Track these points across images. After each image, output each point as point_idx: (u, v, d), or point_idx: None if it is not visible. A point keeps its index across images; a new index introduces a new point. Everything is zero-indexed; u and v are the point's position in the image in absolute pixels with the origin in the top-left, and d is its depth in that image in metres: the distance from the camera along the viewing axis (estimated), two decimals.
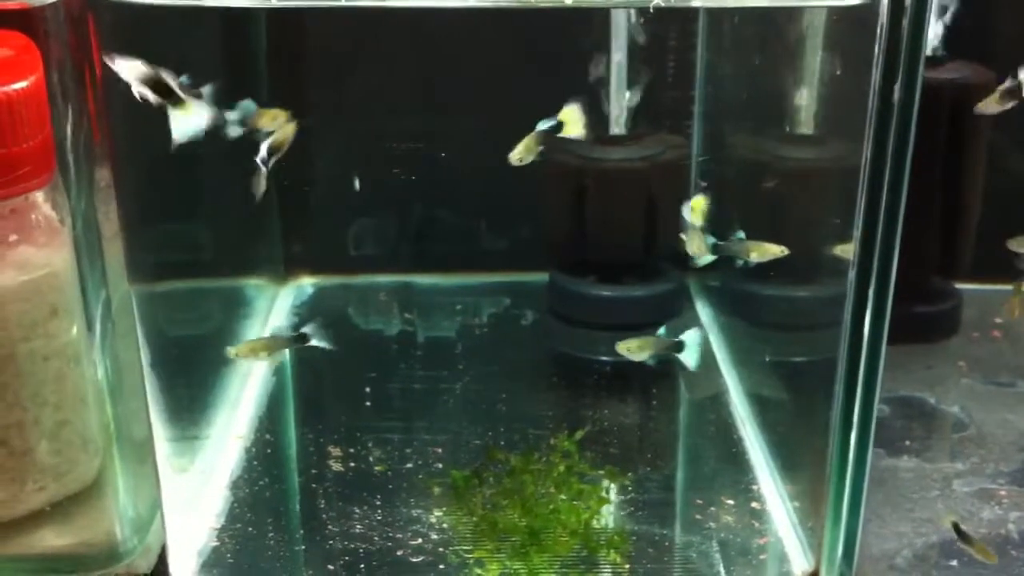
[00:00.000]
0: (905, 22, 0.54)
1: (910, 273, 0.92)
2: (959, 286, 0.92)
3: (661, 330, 0.74)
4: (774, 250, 0.70)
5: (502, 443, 0.76)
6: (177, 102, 0.61)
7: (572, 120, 0.69)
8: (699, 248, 0.72)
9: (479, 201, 0.98)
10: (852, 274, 0.60)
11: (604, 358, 0.92)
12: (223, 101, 0.89)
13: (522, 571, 0.64)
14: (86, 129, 0.65)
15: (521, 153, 0.70)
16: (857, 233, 0.59)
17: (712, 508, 0.70)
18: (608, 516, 0.69)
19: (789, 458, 0.73)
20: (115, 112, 0.64)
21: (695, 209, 0.72)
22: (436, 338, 0.94)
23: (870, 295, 0.60)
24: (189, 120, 0.62)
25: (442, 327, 0.96)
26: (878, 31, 0.54)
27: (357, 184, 0.98)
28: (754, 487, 0.72)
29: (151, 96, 0.61)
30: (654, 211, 0.95)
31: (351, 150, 0.99)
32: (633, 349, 0.73)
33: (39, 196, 0.65)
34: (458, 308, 0.98)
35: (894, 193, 0.58)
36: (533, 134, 0.69)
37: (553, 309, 0.96)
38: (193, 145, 0.79)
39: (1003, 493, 0.72)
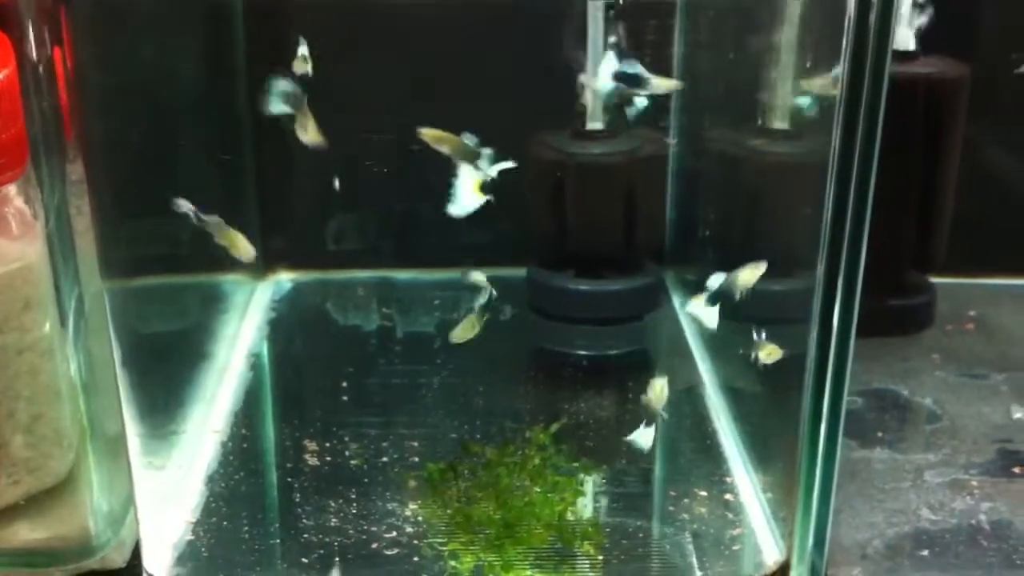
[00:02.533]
0: (872, 15, 0.55)
1: (884, 266, 0.93)
2: (933, 280, 0.93)
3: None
4: (754, 272, 0.70)
5: (479, 437, 0.77)
6: None
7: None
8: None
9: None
10: (821, 268, 0.60)
11: (582, 352, 0.93)
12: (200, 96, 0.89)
13: (496, 563, 0.64)
14: (58, 123, 0.65)
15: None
16: (825, 226, 0.59)
17: (686, 500, 0.71)
18: (583, 508, 0.69)
19: (762, 450, 0.73)
20: (88, 106, 0.63)
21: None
22: (415, 333, 0.94)
23: (839, 288, 0.60)
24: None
25: (421, 322, 0.96)
26: (845, 23, 0.55)
27: (336, 179, 0.98)
28: (728, 479, 0.73)
29: None
30: (632, 205, 0.95)
31: (330, 145, 0.99)
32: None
33: (12, 189, 0.64)
34: (436, 303, 0.98)
35: (862, 187, 0.59)
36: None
37: (531, 304, 0.96)
38: (168, 139, 0.80)
39: (975, 484, 0.72)
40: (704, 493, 0.71)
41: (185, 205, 0.68)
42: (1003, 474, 0.73)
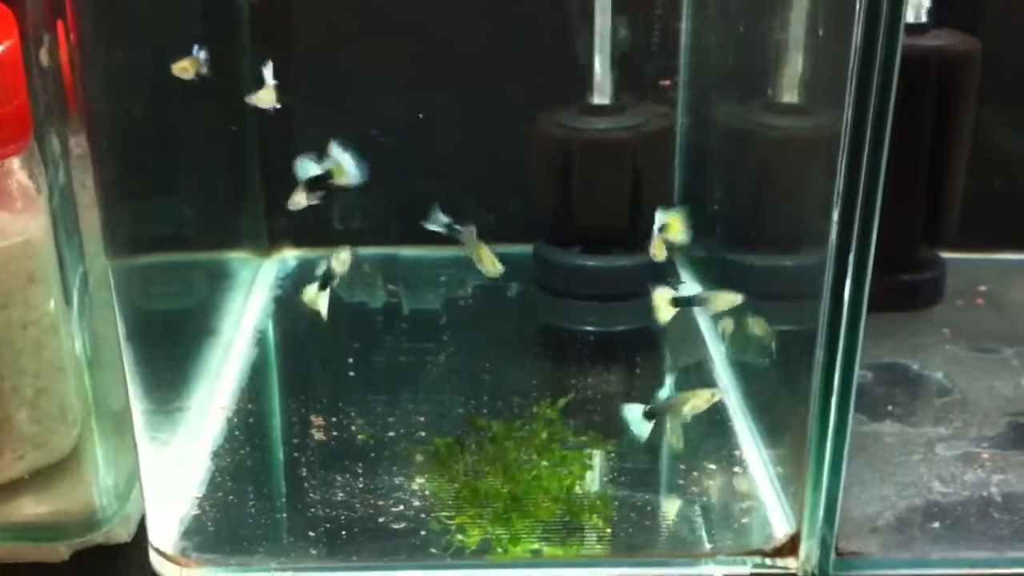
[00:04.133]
0: None
1: (894, 242, 0.92)
2: (944, 255, 0.92)
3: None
4: (729, 299, 0.70)
5: (485, 412, 0.76)
6: None
7: None
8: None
9: (464, 173, 0.97)
10: (832, 243, 0.59)
11: (589, 328, 0.92)
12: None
13: (504, 537, 0.64)
14: (61, 98, 0.64)
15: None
16: (837, 202, 0.59)
17: (695, 474, 0.70)
18: (591, 482, 0.69)
19: (772, 425, 0.73)
20: (91, 80, 0.63)
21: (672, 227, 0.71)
22: (421, 310, 0.94)
23: (850, 263, 0.59)
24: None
25: (427, 299, 0.96)
26: None
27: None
28: (737, 453, 0.72)
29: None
30: (639, 181, 0.94)
31: (336, 122, 0.99)
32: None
33: (15, 163, 0.64)
34: (443, 280, 0.98)
35: (874, 162, 0.58)
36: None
37: (538, 280, 0.96)
38: (173, 115, 0.79)
39: (986, 456, 0.72)
40: (714, 467, 0.70)
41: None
42: (1014, 447, 0.72)
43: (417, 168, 1.00)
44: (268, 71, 0.74)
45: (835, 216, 0.59)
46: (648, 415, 0.66)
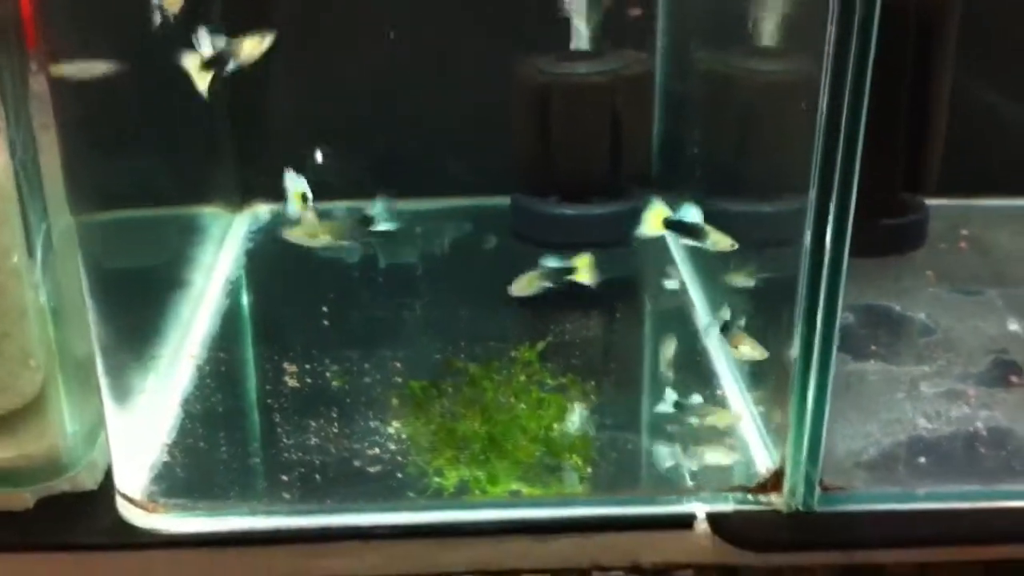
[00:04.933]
0: None
1: (876, 186, 0.91)
2: (927, 201, 0.91)
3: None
4: (725, 241, 0.71)
5: (463, 357, 0.75)
6: None
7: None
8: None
9: (440, 123, 0.95)
10: (813, 189, 0.58)
11: (569, 277, 0.91)
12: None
13: (481, 478, 0.63)
14: (21, 45, 0.62)
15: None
16: (818, 147, 0.57)
17: (680, 411, 0.69)
18: (571, 423, 0.67)
19: (755, 366, 0.71)
20: (52, 27, 0.61)
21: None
22: (397, 264, 0.92)
23: (832, 205, 0.58)
24: None
25: (404, 252, 0.94)
26: None
27: (315, 109, 0.96)
28: (719, 392, 0.71)
29: None
30: (617, 127, 0.93)
31: (308, 73, 0.97)
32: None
33: None
34: (420, 233, 0.96)
35: (855, 105, 0.56)
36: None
37: (516, 230, 0.94)
38: (140, 67, 0.77)
39: (971, 393, 0.71)
40: (695, 406, 0.69)
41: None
42: (1000, 384, 0.71)
43: (393, 119, 0.98)
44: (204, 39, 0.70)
45: (816, 162, 0.57)
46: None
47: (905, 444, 0.66)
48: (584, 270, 0.76)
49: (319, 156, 0.96)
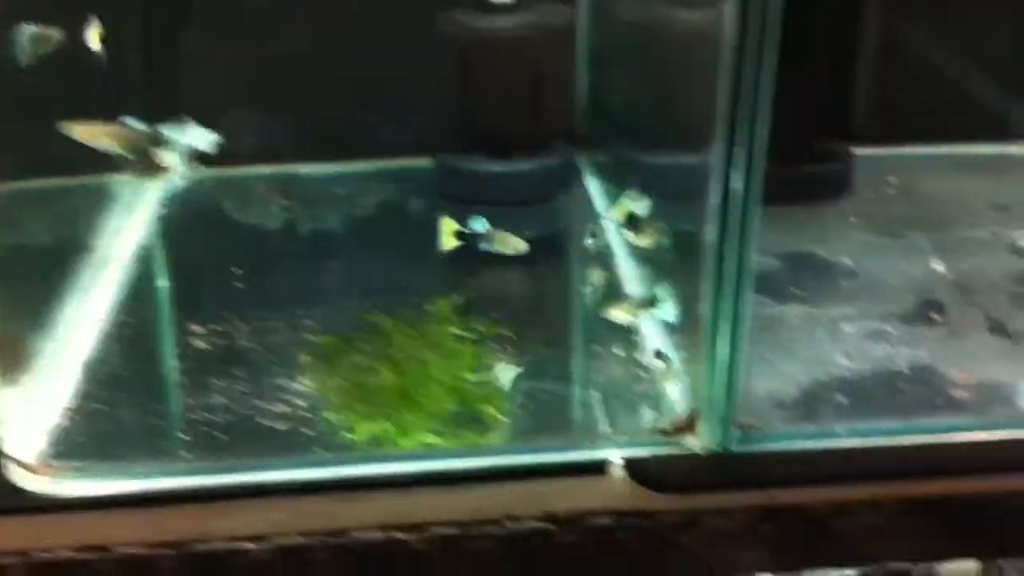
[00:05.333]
0: None
1: (800, 133, 0.90)
2: (855, 150, 0.90)
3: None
4: (514, 243, 0.71)
5: (380, 314, 0.73)
6: None
7: None
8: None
9: (361, 83, 0.93)
10: (722, 138, 0.56)
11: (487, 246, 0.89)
12: None
13: (391, 431, 0.61)
14: None
15: None
16: (725, 94, 0.56)
17: (596, 362, 0.67)
18: (485, 373, 0.65)
19: (683, 311, 0.70)
20: None
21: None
22: (319, 227, 0.90)
23: (737, 150, 0.56)
24: None
25: (326, 216, 0.92)
26: None
27: (231, 68, 0.93)
28: (637, 338, 0.70)
29: None
30: (540, 82, 0.91)
31: (225, 34, 0.94)
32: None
33: None
34: (342, 196, 0.94)
35: (761, 55, 0.55)
36: None
37: (442, 191, 0.92)
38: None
39: (893, 332, 0.70)
40: (614, 353, 0.67)
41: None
42: (922, 322, 0.71)
43: (311, 78, 0.96)
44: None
45: (724, 110, 0.56)
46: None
47: (825, 383, 0.65)
48: (504, 245, 0.74)
49: (237, 118, 0.94)
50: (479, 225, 0.74)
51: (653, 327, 0.70)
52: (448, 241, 0.74)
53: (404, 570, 0.59)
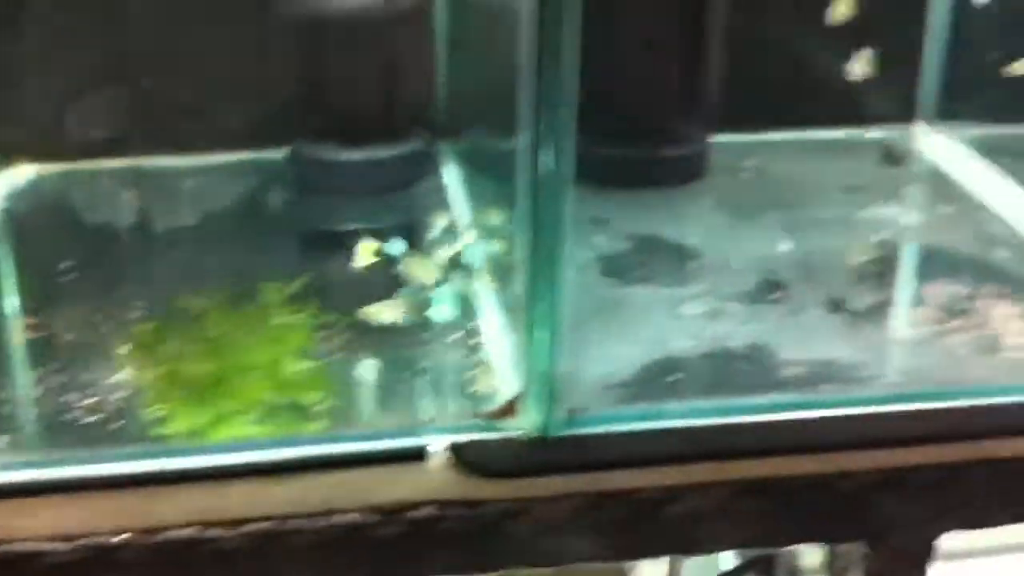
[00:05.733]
0: None
1: (653, 116, 0.90)
2: (711, 135, 0.90)
3: None
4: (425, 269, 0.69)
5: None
6: None
7: None
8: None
9: (210, 72, 0.90)
10: (528, 119, 0.56)
11: (350, 226, 0.87)
12: None
13: (205, 421, 0.58)
14: None
15: None
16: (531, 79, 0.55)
17: (425, 348, 0.65)
18: (307, 357, 0.63)
19: (511, 297, 0.68)
20: None
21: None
22: (166, 222, 0.87)
23: (545, 130, 0.55)
24: None
25: (174, 210, 0.89)
26: None
27: (74, 63, 0.89)
28: (475, 323, 0.68)
29: None
30: (394, 67, 0.89)
31: (68, 20, 0.90)
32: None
33: None
34: (193, 188, 0.91)
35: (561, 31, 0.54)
36: None
37: (297, 180, 0.89)
38: None
39: (732, 310, 0.69)
40: (446, 337, 0.66)
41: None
42: (762, 300, 0.70)
43: (157, 68, 0.92)
44: None
45: (532, 94, 0.55)
46: None
47: (660, 363, 0.64)
48: (417, 270, 0.72)
49: (83, 113, 0.90)
50: (396, 248, 0.72)
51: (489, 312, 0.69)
52: (364, 259, 0.71)
53: (219, 569, 0.56)
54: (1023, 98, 0.83)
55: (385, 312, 0.64)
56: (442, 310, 0.65)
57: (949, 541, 0.62)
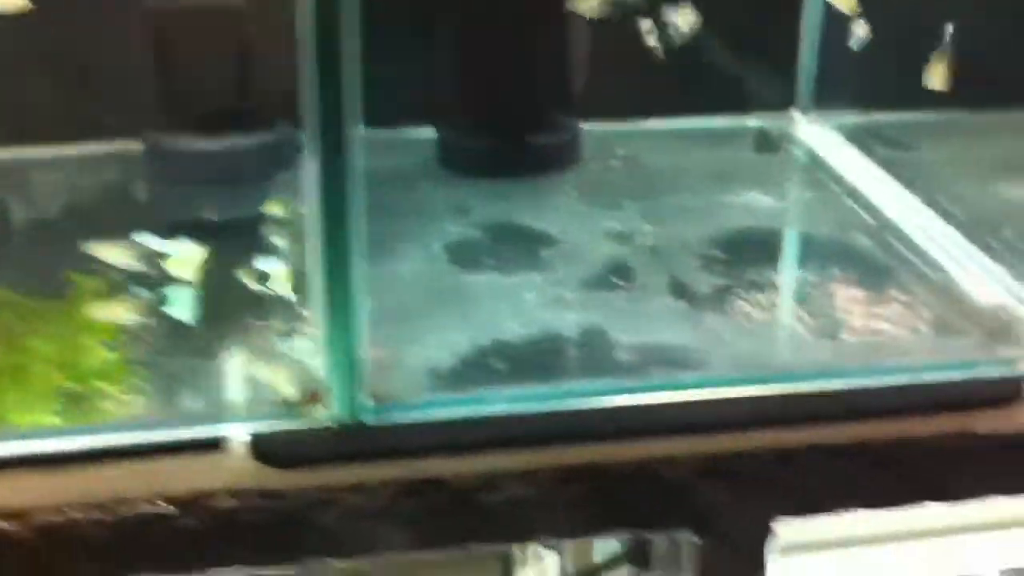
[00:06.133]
0: None
1: (521, 105, 0.88)
2: (583, 124, 0.87)
3: None
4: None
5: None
6: None
7: None
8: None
9: (63, 64, 0.87)
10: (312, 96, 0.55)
11: (210, 217, 0.84)
12: None
13: None
14: None
15: None
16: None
17: (237, 338, 0.62)
18: (108, 348, 0.60)
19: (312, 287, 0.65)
20: None
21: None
22: (30, 215, 0.84)
23: (322, 120, 0.55)
24: None
25: (37, 204, 0.86)
26: None
27: None
28: (292, 312, 0.65)
29: None
30: (250, 53, 0.86)
31: None
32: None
33: None
34: (58, 182, 0.88)
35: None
36: None
37: (156, 171, 0.87)
38: None
39: (573, 298, 0.66)
40: (259, 329, 0.63)
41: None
42: (605, 287, 0.68)
43: (11, 59, 0.89)
44: None
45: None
46: None
47: (490, 351, 0.61)
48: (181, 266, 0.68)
49: None
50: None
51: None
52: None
53: (4, 562, 0.53)
54: (892, 87, 0.82)
55: (111, 311, 0.61)
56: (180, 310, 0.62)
57: (794, 533, 0.60)
